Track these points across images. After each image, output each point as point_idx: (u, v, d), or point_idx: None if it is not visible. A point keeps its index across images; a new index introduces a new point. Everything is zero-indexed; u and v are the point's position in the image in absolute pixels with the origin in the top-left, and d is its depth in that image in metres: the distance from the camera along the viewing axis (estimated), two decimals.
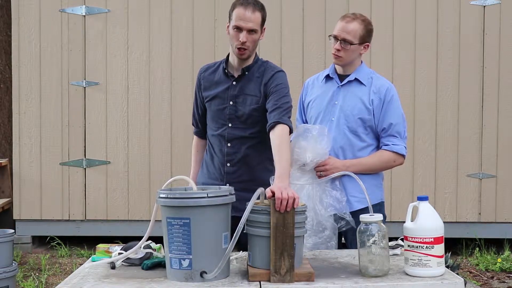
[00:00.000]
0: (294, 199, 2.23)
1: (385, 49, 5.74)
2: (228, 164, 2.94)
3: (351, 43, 3.05)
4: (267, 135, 2.87)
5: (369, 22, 3.12)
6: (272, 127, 2.76)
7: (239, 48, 2.85)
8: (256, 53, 2.97)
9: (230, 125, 2.93)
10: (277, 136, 2.72)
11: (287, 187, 2.31)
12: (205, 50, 5.79)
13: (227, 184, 2.50)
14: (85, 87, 5.87)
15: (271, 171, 2.83)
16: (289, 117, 2.83)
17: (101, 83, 5.85)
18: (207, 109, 3.03)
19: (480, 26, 5.81)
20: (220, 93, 2.95)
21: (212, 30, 5.81)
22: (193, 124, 3.19)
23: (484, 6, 5.80)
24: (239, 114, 2.92)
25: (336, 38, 3.08)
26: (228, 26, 2.90)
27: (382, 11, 5.77)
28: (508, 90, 5.83)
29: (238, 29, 2.82)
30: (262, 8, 2.88)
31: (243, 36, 2.82)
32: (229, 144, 2.94)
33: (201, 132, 3.16)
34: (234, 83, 2.94)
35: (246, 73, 2.93)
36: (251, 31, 2.83)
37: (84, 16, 5.85)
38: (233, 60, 2.95)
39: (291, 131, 2.82)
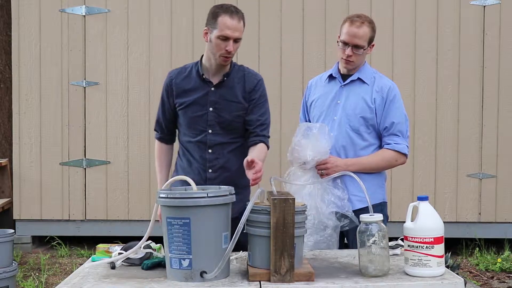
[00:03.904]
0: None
1: (385, 49, 5.74)
2: (210, 170, 2.95)
3: (363, 48, 3.05)
4: (245, 140, 2.98)
5: (373, 21, 3.12)
6: (256, 143, 2.90)
7: (224, 56, 2.85)
8: None
9: (210, 131, 2.93)
10: (259, 150, 2.88)
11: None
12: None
13: None
14: (85, 87, 5.87)
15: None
16: (269, 132, 2.99)
17: (101, 83, 5.85)
18: (180, 116, 3.00)
19: (480, 26, 5.81)
20: (197, 99, 2.94)
21: None
22: (155, 130, 3.16)
23: (484, 6, 5.80)
24: (220, 120, 2.92)
25: (346, 43, 3.06)
26: (206, 33, 2.87)
27: (382, 11, 5.77)
28: (508, 90, 5.83)
29: (225, 38, 2.81)
30: (243, 16, 2.89)
31: (230, 45, 2.82)
32: (210, 150, 2.94)
33: (166, 138, 3.15)
34: (213, 89, 2.93)
35: (225, 79, 2.93)
36: (236, 39, 2.84)
37: (84, 16, 5.85)
38: (211, 65, 2.93)
39: (268, 148, 2.98)
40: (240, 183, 2.88)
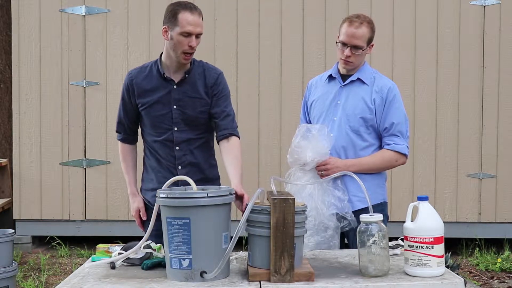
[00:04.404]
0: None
1: (385, 49, 5.74)
2: (180, 167, 2.96)
3: (362, 48, 3.04)
4: (210, 135, 3.01)
5: (372, 21, 3.11)
6: (227, 137, 2.89)
7: (186, 53, 2.85)
8: None
9: (176, 128, 2.95)
10: (233, 149, 2.86)
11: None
12: (205, 50, 5.78)
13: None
14: (85, 87, 5.87)
15: (215, 166, 3.03)
16: (236, 123, 2.98)
17: (101, 83, 5.85)
18: (143, 116, 3.01)
19: (480, 26, 5.81)
20: (160, 98, 2.94)
21: (212, 30, 5.81)
22: (117, 131, 3.16)
23: (484, 6, 5.80)
24: (185, 117, 2.93)
25: (344, 44, 3.05)
26: (166, 31, 2.87)
27: (382, 11, 5.77)
28: (508, 90, 5.83)
29: (188, 34, 2.82)
30: (201, 11, 2.89)
31: (193, 41, 2.83)
32: (177, 148, 2.96)
33: (130, 138, 3.16)
34: (175, 86, 2.93)
35: (187, 76, 2.94)
36: (198, 35, 2.85)
37: (84, 16, 5.85)
38: (171, 63, 2.94)
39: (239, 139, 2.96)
40: (210, 176, 2.97)
